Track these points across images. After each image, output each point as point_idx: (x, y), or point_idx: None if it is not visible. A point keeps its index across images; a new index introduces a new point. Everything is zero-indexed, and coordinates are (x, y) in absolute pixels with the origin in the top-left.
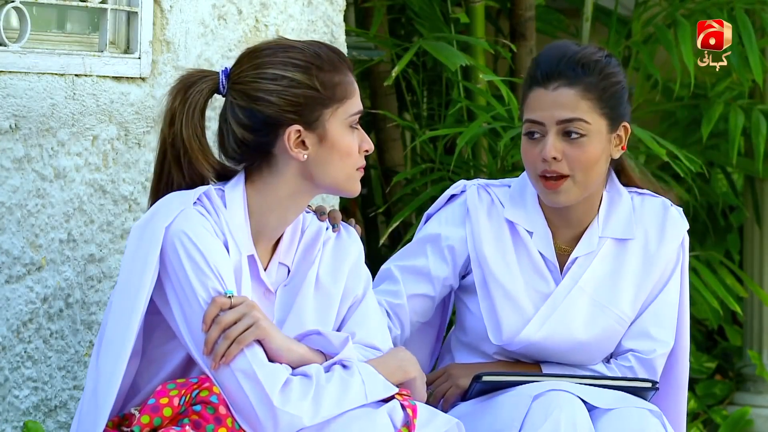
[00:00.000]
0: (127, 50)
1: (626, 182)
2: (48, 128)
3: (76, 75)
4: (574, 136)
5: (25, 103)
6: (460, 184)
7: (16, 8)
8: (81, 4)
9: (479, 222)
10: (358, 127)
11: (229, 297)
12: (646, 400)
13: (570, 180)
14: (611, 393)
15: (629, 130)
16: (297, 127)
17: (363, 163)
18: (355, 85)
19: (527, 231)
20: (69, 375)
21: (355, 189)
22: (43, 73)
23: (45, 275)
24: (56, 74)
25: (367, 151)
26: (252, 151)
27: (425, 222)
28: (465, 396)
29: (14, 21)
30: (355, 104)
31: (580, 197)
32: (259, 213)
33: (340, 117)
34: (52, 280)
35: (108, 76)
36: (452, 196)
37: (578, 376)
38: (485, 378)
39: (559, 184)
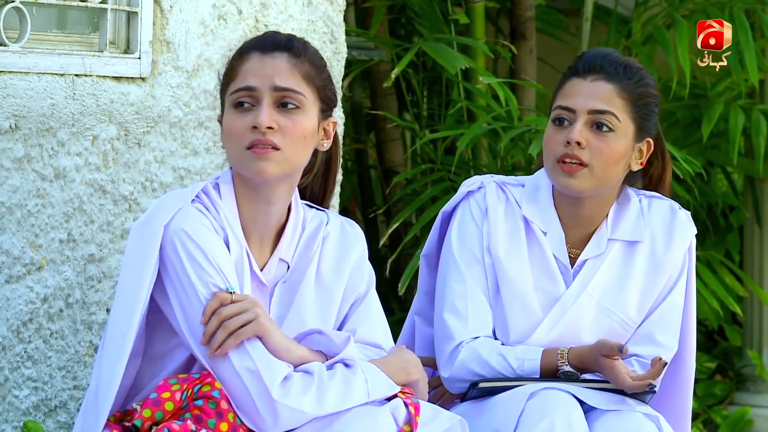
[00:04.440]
0: (127, 50)
1: (653, 189)
2: (48, 128)
3: (76, 75)
4: (604, 129)
5: (25, 103)
6: (477, 180)
7: (16, 8)
8: (81, 4)
9: (497, 220)
10: (254, 104)
11: (231, 293)
12: (644, 402)
13: (587, 170)
14: (608, 394)
15: (651, 148)
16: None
17: (253, 139)
18: (250, 65)
19: (542, 231)
20: (69, 375)
21: (249, 169)
22: (43, 73)
23: (45, 275)
24: (56, 74)
25: (255, 127)
26: None
27: (440, 223)
28: (463, 399)
29: (14, 21)
30: (236, 83)
31: (593, 189)
32: (243, 204)
33: (227, 99)
34: (52, 280)
35: (108, 76)
36: (468, 193)
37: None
38: (481, 385)
39: (576, 170)
